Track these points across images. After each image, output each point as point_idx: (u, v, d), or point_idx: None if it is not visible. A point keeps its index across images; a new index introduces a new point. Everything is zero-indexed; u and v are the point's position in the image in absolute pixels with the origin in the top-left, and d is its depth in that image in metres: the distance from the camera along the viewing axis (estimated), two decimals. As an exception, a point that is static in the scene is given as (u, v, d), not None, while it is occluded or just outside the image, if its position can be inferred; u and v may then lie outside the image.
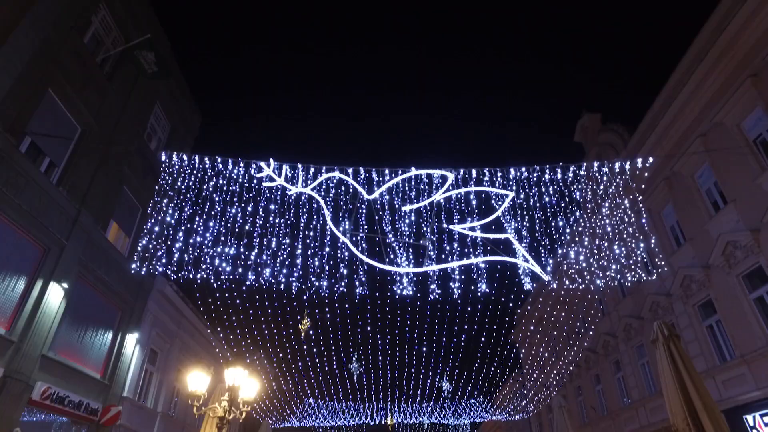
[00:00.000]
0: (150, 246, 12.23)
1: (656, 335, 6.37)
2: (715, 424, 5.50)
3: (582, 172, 12.45)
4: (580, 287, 14.32)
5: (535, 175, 12.44)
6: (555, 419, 11.26)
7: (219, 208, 12.26)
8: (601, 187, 13.31)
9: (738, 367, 12.29)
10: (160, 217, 12.40)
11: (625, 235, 13.10)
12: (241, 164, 12.39)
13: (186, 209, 12.39)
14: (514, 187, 12.56)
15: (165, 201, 12.60)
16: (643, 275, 13.35)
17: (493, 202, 13.07)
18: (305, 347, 19.18)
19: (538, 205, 12.81)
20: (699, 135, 13.56)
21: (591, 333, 19.91)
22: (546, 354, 24.13)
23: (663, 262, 13.79)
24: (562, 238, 13.33)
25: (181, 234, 12.05)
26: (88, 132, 13.70)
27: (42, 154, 12.43)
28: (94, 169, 14.10)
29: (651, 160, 12.12)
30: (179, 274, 11.84)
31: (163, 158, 12.83)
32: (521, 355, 29.48)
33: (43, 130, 12.04)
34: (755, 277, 12.07)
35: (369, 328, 18.80)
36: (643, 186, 13.94)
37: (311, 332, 17.81)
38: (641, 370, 17.15)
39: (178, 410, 19.68)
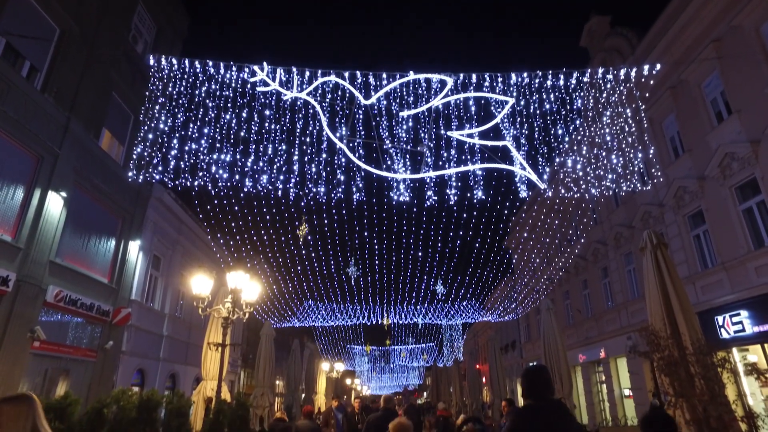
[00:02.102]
0: (145, 154, 12.11)
1: (645, 243, 6.55)
2: (688, 324, 5.85)
3: (585, 79, 12.05)
4: (575, 196, 14.49)
5: (536, 81, 12.05)
6: (542, 320, 11.95)
7: (213, 115, 11.99)
8: (604, 95, 12.95)
9: (717, 273, 12.84)
10: (153, 124, 12.14)
11: (623, 145, 12.99)
12: (234, 68, 11.91)
13: (179, 116, 12.11)
14: (514, 94, 12.22)
15: (157, 107, 12.26)
16: (639, 185, 13.46)
17: (492, 108, 12.80)
18: (304, 252, 19.77)
19: (538, 112, 12.57)
20: (713, 40, 12.94)
21: (582, 241, 20.50)
22: (537, 260, 25.03)
23: (659, 173, 13.84)
24: (561, 146, 13.23)
25: (175, 141, 11.89)
26: (68, 34, 12.96)
27: (21, 57, 11.85)
28: (79, 74, 13.54)
29: (658, 66, 11.68)
30: (176, 182, 11.85)
31: (151, 62, 12.28)
32: (513, 261, 30.58)
33: (17, 30, 11.37)
34: (747, 189, 12.20)
35: (366, 234, 19.26)
36: (647, 95, 13.58)
37: (309, 237, 18.24)
38: (627, 276, 17.92)
39: (184, 312, 20.76)
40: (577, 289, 22.62)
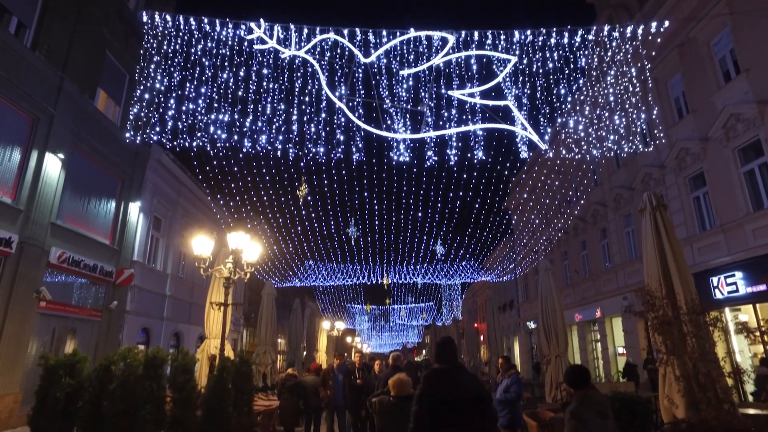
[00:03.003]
0: (142, 114, 11.94)
1: (644, 205, 6.56)
2: (684, 285, 5.93)
3: (590, 37, 11.74)
4: (576, 157, 14.39)
5: (540, 39, 11.74)
6: (540, 280, 12.10)
7: (210, 74, 11.74)
8: (609, 54, 12.65)
9: (715, 235, 12.92)
10: (149, 84, 11.91)
11: (627, 106, 12.80)
12: (230, 25, 11.58)
13: (175, 75, 11.86)
14: (517, 52, 11.94)
15: (152, 66, 11.99)
16: (640, 147, 13.34)
17: (494, 67, 12.52)
18: (304, 213, 19.81)
19: (541, 71, 12.30)
20: (725, -6, 12.52)
21: (582, 202, 20.52)
22: (536, 221, 25.14)
23: (662, 134, 13.69)
24: (563, 106, 13.03)
25: (172, 101, 11.69)
26: (56, -13, 12.54)
27: (7, 12, 11.51)
28: (70, 32, 13.18)
29: (666, 23, 11.35)
30: (174, 143, 11.74)
31: (145, 19, 11.92)
32: (513, 222, 30.71)
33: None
34: (750, 151, 12.10)
35: (366, 194, 19.25)
36: (653, 53, 13.25)
37: (309, 198, 18.24)
38: (625, 238, 18.04)
39: (186, 272, 21.02)
40: (576, 250, 22.82)
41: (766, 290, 11.06)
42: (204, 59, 11.68)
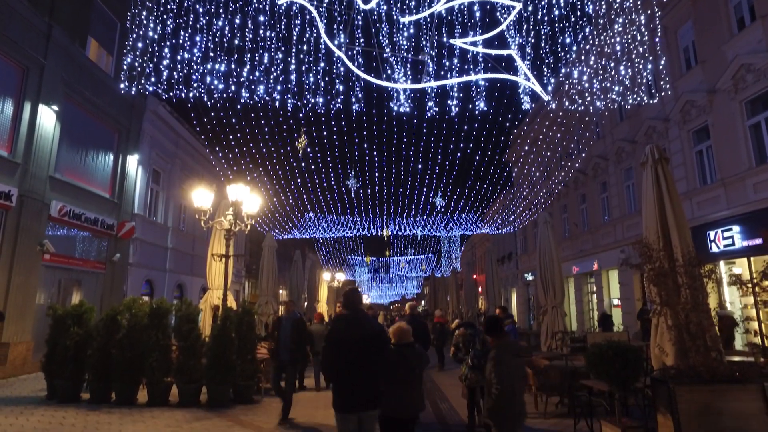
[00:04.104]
0: (136, 64, 11.62)
1: (646, 158, 6.49)
2: (681, 238, 5.98)
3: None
4: (579, 109, 14.14)
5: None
6: (539, 233, 12.20)
7: (204, 21, 11.34)
8: (617, 1, 12.17)
9: (715, 189, 12.90)
10: (141, 32, 11.52)
11: (633, 56, 12.44)
12: (223, -31, 11.08)
13: (169, 22, 11.45)
14: (522, -1, 11.50)
15: (144, 13, 11.56)
16: (645, 98, 13.07)
17: (498, 14, 12.10)
18: (303, 164, 19.71)
19: (546, 18, 11.89)
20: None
21: (583, 155, 20.36)
22: (537, 174, 25.02)
23: (668, 86, 13.38)
24: (568, 56, 12.68)
25: (166, 50, 11.35)
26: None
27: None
28: (55, -26, 12.63)
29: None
30: (170, 94, 11.50)
31: (133, -39, 11.40)
32: (513, 174, 30.58)
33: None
34: (758, 103, 11.86)
35: (366, 145, 19.13)
36: (664, 0, 12.74)
37: (309, 150, 18.08)
38: (625, 192, 18.02)
39: (186, 225, 21.15)
40: (575, 203, 22.86)
41: (762, 244, 11.16)
42: (198, 5, 11.25)
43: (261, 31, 11.30)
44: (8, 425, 7.06)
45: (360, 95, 11.71)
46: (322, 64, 11.38)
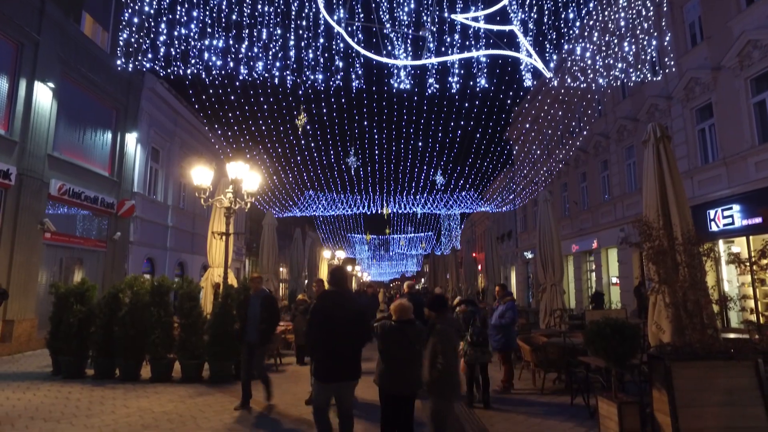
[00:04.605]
0: (132, 40, 11.44)
1: (648, 136, 6.45)
2: (681, 216, 5.99)
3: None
4: (581, 86, 13.98)
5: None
6: (539, 211, 12.20)
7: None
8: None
9: (717, 168, 12.85)
10: (137, 7, 11.30)
11: (638, 32, 12.24)
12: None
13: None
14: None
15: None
16: (649, 76, 12.91)
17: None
18: (303, 142, 19.59)
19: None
20: None
21: (584, 133, 20.23)
22: (538, 152, 24.90)
23: (672, 63, 13.20)
24: (571, 32, 12.47)
25: (163, 25, 11.16)
26: None
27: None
28: (47, -54, 12.34)
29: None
30: (168, 71, 11.35)
31: (126, -68, 11.11)
32: (514, 152, 30.44)
33: None
34: (763, 81, 11.72)
35: (366, 123, 18.99)
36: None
37: (308, 127, 17.95)
38: (626, 170, 17.96)
39: (186, 203, 21.14)
40: (576, 182, 22.81)
41: (762, 223, 11.17)
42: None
43: (259, 6, 11.09)
44: (16, 400, 7.21)
45: (360, 72, 11.57)
46: (321, 40, 11.21)
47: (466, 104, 14.66)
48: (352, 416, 4.74)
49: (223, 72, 11.36)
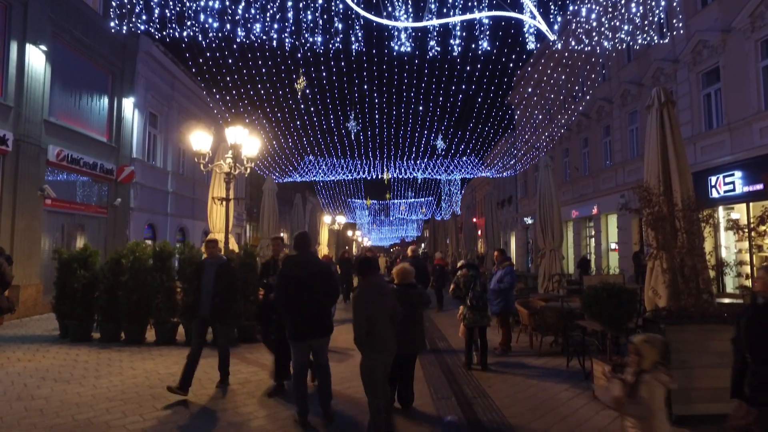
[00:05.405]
0: (125, 1, 11.11)
1: (652, 100, 6.34)
2: (682, 182, 5.96)
3: None
4: (586, 49, 13.68)
5: None
6: (540, 177, 12.14)
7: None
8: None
9: (721, 134, 12.72)
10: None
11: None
12: None
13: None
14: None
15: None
16: (656, 38, 12.61)
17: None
18: (302, 106, 19.35)
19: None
20: None
21: (587, 98, 19.93)
22: (540, 117, 24.61)
23: (680, 24, 12.86)
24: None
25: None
26: None
27: None
28: None
29: None
30: (163, 33, 11.09)
31: None
32: (515, 117, 30.09)
33: None
34: (773, 43, 11.47)
35: (366, 87, 18.73)
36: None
37: (308, 91, 17.68)
38: (629, 136, 17.79)
39: (186, 169, 21.06)
40: (577, 147, 22.64)
41: (763, 189, 11.15)
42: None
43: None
44: (27, 361, 7.40)
45: (359, 34, 11.31)
46: (320, 1, 10.90)
47: (468, 68, 14.40)
48: (327, 366, 5.05)
49: (219, 34, 11.10)
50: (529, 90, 25.84)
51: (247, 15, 10.81)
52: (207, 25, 10.90)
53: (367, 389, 4.45)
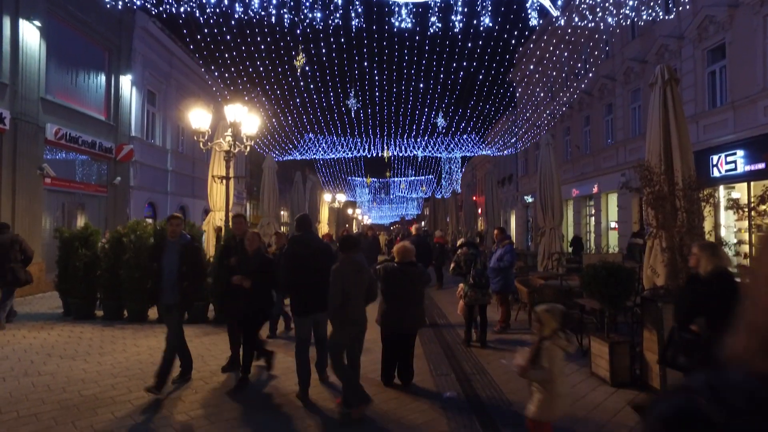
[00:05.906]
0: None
1: (656, 78, 6.27)
2: (683, 161, 5.94)
3: None
4: (589, 26, 13.46)
5: None
6: (541, 155, 12.08)
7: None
8: None
9: (724, 112, 12.60)
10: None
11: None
12: None
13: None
14: None
15: None
16: (661, 14, 12.40)
17: None
18: (302, 83, 19.13)
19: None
20: None
21: (590, 75, 19.70)
22: (541, 94, 24.36)
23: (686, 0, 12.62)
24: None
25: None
26: None
27: None
28: None
29: None
30: (159, 9, 10.91)
31: None
32: (517, 95, 29.79)
33: None
34: (782, 18, 11.27)
35: (366, 64, 18.48)
36: None
37: (307, 68, 17.46)
38: (631, 114, 17.64)
39: (185, 147, 20.95)
40: (579, 126, 22.47)
41: (765, 168, 11.11)
42: None
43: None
44: (32, 338, 7.51)
45: (359, 10, 11.12)
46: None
47: (470, 44, 14.19)
48: (326, 339, 5.27)
49: (217, 10, 10.92)
50: (531, 67, 25.51)
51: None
52: (204, 1, 10.72)
53: (332, 361, 4.74)
